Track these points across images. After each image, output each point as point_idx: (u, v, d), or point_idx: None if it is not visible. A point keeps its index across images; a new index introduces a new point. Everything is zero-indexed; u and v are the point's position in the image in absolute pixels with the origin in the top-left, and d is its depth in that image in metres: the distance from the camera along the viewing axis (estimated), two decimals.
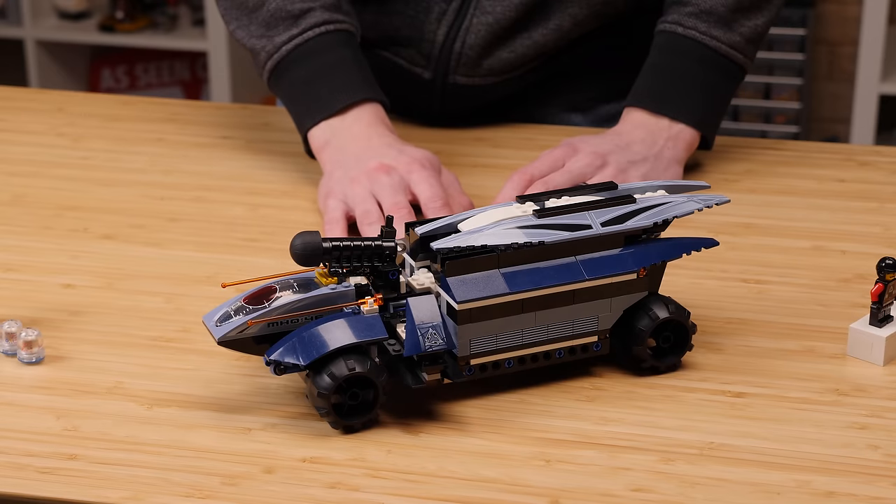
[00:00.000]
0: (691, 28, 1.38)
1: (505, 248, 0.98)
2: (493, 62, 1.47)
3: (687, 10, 1.39)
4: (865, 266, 1.21)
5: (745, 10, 1.38)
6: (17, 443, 0.95)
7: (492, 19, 1.43)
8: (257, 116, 1.60)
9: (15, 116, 1.60)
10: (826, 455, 0.94)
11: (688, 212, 1.03)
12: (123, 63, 3.64)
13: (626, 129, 1.37)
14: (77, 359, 1.06)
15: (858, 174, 1.42)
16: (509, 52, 1.46)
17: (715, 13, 1.37)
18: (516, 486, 0.90)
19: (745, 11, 1.38)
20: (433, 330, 0.95)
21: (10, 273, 1.21)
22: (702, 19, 1.38)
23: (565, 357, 1.01)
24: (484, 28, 1.44)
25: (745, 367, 1.05)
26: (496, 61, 1.46)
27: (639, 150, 1.34)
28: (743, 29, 1.39)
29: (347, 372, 0.94)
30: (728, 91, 1.42)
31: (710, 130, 1.40)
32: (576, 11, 1.45)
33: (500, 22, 1.44)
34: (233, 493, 0.90)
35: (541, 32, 1.45)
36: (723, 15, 1.38)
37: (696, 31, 1.38)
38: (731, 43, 1.38)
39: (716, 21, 1.38)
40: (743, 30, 1.39)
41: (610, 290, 1.00)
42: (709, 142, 1.41)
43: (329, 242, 0.97)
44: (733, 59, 1.39)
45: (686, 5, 1.39)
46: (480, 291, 0.97)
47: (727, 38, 1.38)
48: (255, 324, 0.96)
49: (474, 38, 1.44)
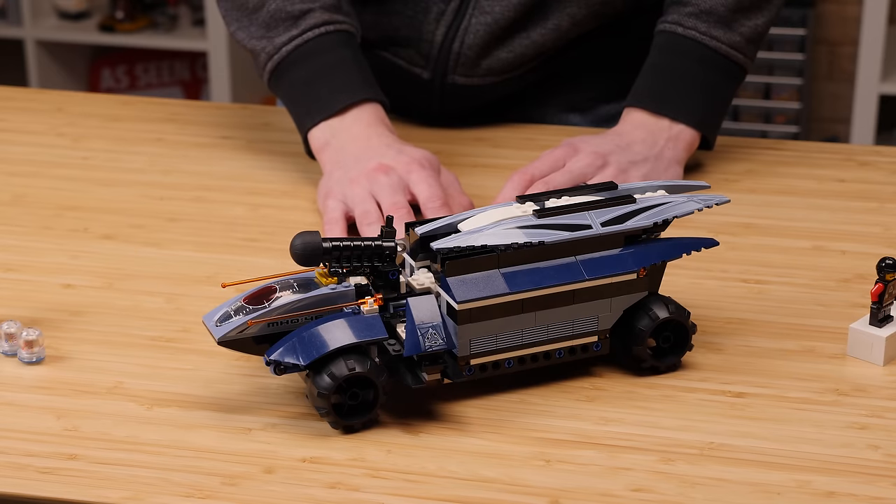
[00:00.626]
0: (691, 28, 1.38)
1: (505, 248, 0.98)
2: (492, 62, 1.46)
3: (687, 10, 1.38)
4: (865, 266, 1.21)
5: (746, 9, 1.38)
6: (17, 443, 0.95)
7: (490, 19, 1.43)
8: (257, 116, 1.60)
9: (15, 116, 1.60)
10: (826, 455, 0.94)
11: (688, 212, 1.03)
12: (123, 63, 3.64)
13: (627, 129, 1.37)
14: (77, 359, 1.06)
15: (858, 174, 1.42)
16: (508, 52, 1.46)
17: (715, 13, 1.37)
18: (516, 486, 0.90)
19: (745, 11, 1.38)
20: (433, 330, 0.95)
21: (10, 273, 1.21)
22: (702, 19, 1.38)
23: (565, 357, 1.01)
24: (482, 28, 1.44)
25: (745, 367, 1.05)
26: (495, 61, 1.46)
27: (639, 150, 1.34)
28: (743, 29, 1.39)
29: (347, 372, 0.94)
30: (728, 91, 1.42)
31: (711, 131, 1.40)
32: (574, 11, 1.45)
33: (499, 22, 1.43)
34: (233, 493, 0.90)
35: (539, 32, 1.45)
36: (723, 15, 1.37)
37: (696, 32, 1.38)
38: (731, 43, 1.38)
39: (716, 21, 1.38)
40: (743, 30, 1.39)
41: (610, 290, 1.00)
42: (710, 142, 1.41)
43: (329, 242, 0.97)
44: (733, 59, 1.39)
45: (686, 5, 1.39)
46: (480, 291, 0.97)
47: (727, 38, 1.38)
48: (255, 324, 0.96)
49: (473, 38, 1.44)
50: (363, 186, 1.26)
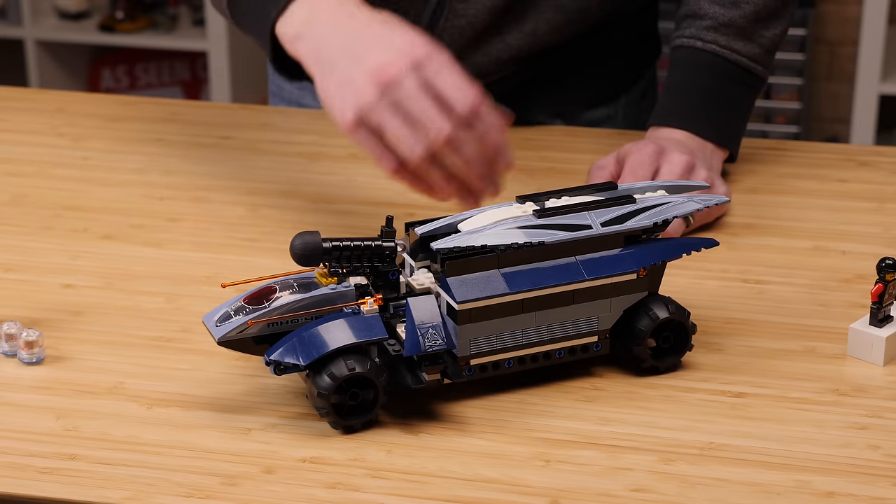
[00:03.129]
0: (711, 42, 1.36)
1: (505, 249, 0.98)
2: (468, 65, 1.45)
3: (704, 23, 1.36)
4: (865, 266, 1.21)
5: (764, 20, 1.36)
6: (17, 443, 0.95)
7: (464, 22, 1.43)
8: (257, 116, 1.60)
9: (15, 116, 1.60)
10: (826, 455, 0.94)
11: (688, 212, 1.03)
12: (123, 63, 3.64)
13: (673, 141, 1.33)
14: (77, 359, 1.06)
15: (858, 174, 1.42)
16: (483, 56, 1.45)
17: (734, 25, 1.35)
18: (516, 486, 0.90)
19: (764, 21, 1.36)
20: (433, 330, 0.95)
21: (10, 273, 1.21)
22: (721, 32, 1.36)
23: (565, 357, 1.01)
24: (457, 31, 1.43)
25: (745, 367, 1.05)
26: (471, 65, 1.45)
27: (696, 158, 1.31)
28: (762, 40, 1.37)
29: (347, 372, 0.94)
30: (749, 103, 1.40)
31: (735, 145, 1.38)
32: (550, 17, 1.44)
33: (473, 25, 1.43)
34: (233, 493, 0.90)
35: (515, 37, 1.44)
36: (743, 27, 1.35)
37: (716, 45, 1.36)
38: (751, 55, 1.36)
39: (735, 33, 1.36)
40: (762, 41, 1.37)
41: (610, 291, 1.00)
42: (734, 156, 1.39)
43: (329, 242, 0.97)
44: (753, 72, 1.37)
45: (702, 18, 1.36)
46: (480, 291, 0.97)
47: (748, 50, 1.36)
48: (255, 324, 0.96)
49: (448, 40, 1.43)
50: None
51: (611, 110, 1.56)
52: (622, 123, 1.57)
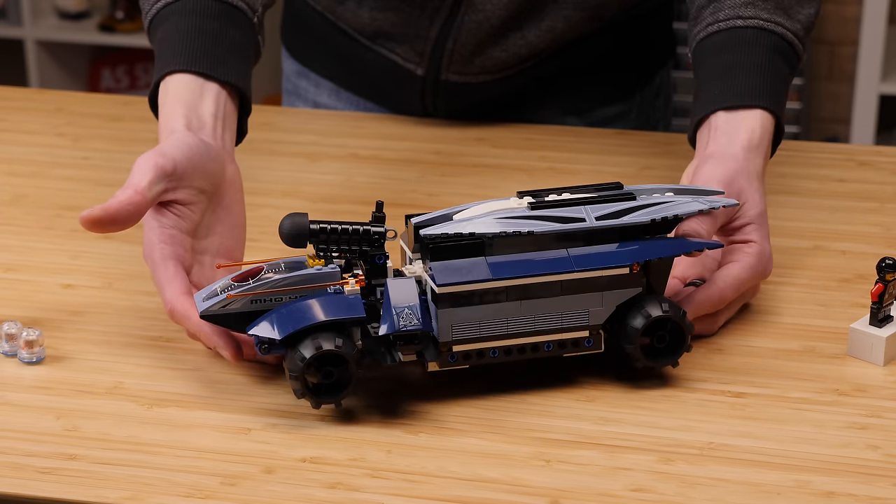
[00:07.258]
0: (752, 17, 1.24)
1: (492, 236, 0.98)
2: (486, 60, 1.46)
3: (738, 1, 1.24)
4: (865, 266, 1.21)
5: None
6: (17, 443, 0.95)
7: (482, 17, 1.43)
8: (257, 116, 1.60)
9: (15, 116, 1.60)
10: (826, 455, 0.94)
11: (690, 212, 1.02)
12: (123, 63, 3.65)
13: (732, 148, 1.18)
14: (77, 359, 1.06)
15: (858, 174, 1.42)
16: (501, 51, 1.46)
17: (772, 0, 1.24)
18: (516, 486, 0.90)
19: None
20: (409, 310, 0.95)
21: (10, 273, 1.21)
22: (760, 7, 1.24)
23: (554, 351, 1.00)
24: (475, 26, 1.43)
25: (745, 367, 1.05)
26: (488, 60, 1.46)
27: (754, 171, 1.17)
28: (801, 17, 1.27)
29: (314, 351, 0.94)
30: (790, 82, 1.29)
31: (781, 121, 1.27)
32: (569, 13, 1.45)
33: (491, 20, 1.43)
34: (233, 493, 0.90)
35: (534, 33, 1.45)
36: (780, 2, 1.25)
37: (758, 20, 1.24)
38: (794, 30, 1.26)
39: (775, 7, 1.25)
40: (801, 17, 1.27)
41: (600, 284, 0.99)
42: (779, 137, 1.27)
43: (317, 224, 0.97)
44: (795, 49, 1.26)
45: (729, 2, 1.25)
46: (462, 276, 0.97)
47: (790, 25, 1.25)
48: (235, 297, 0.96)
49: (466, 35, 1.44)
50: None
51: (625, 107, 1.56)
52: (636, 121, 1.57)
